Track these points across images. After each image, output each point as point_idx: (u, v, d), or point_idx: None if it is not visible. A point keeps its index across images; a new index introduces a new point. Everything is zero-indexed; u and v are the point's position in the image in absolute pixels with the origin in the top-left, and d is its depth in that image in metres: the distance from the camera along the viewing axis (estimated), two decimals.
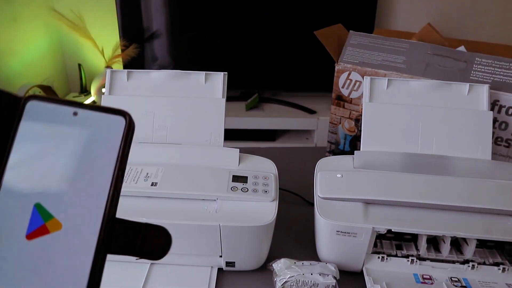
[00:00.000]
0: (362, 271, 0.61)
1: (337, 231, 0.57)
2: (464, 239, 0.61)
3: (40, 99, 0.25)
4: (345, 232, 0.57)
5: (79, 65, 1.89)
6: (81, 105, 0.25)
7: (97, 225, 0.24)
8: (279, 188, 0.63)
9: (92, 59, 1.93)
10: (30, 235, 0.24)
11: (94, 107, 0.25)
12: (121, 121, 0.24)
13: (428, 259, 0.61)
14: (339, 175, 0.63)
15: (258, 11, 1.78)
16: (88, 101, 1.89)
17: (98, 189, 0.24)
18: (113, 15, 1.78)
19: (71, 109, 0.25)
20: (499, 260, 0.61)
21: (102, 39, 1.81)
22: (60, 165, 0.25)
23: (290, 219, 0.76)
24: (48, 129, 0.25)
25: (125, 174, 0.62)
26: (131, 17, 1.79)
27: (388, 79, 0.73)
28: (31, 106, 0.25)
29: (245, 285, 0.61)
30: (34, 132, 0.25)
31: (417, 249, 0.61)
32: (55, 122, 0.25)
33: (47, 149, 0.25)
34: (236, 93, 1.92)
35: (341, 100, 0.89)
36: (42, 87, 1.64)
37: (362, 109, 0.72)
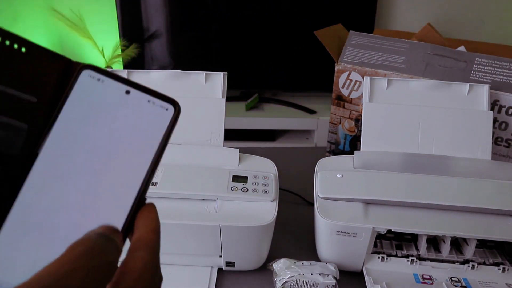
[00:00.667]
0: (362, 271, 0.61)
1: (337, 231, 0.57)
2: (464, 239, 0.61)
3: (96, 70, 0.25)
4: (345, 232, 0.57)
5: None
6: (135, 85, 0.25)
7: (128, 205, 0.24)
8: (279, 188, 0.63)
9: (92, 59, 1.93)
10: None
11: (148, 89, 0.25)
12: (170, 109, 0.25)
13: (428, 259, 0.61)
14: (339, 175, 0.63)
15: (258, 11, 1.78)
16: None
17: (136, 169, 0.25)
18: (113, 15, 1.77)
19: (125, 87, 0.25)
20: (499, 260, 0.61)
21: (102, 39, 1.80)
22: (105, 138, 0.25)
23: (290, 219, 0.76)
24: (99, 102, 0.25)
25: None
26: (131, 17, 1.79)
27: (388, 79, 0.73)
28: (86, 76, 0.25)
29: (245, 285, 0.61)
30: (85, 102, 0.25)
31: (417, 249, 0.61)
32: (107, 96, 0.25)
33: (95, 121, 0.25)
34: (236, 93, 1.92)
35: (341, 100, 0.89)
36: None
37: (362, 109, 0.72)
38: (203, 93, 0.72)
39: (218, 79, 0.72)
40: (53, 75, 0.25)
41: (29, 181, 0.24)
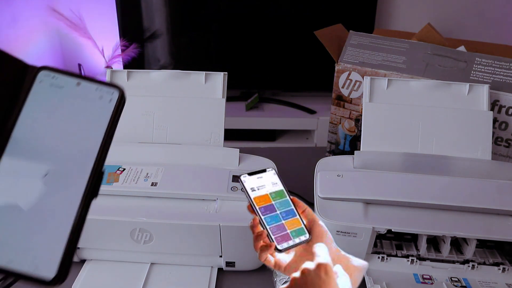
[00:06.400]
0: None
1: (337, 231, 0.57)
2: (464, 239, 0.61)
3: (51, 69, 0.30)
4: (345, 232, 0.57)
5: (79, 65, 1.89)
6: (84, 77, 0.30)
7: (86, 176, 0.28)
8: None
9: (92, 59, 1.93)
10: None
11: (95, 80, 0.30)
12: (115, 93, 0.29)
13: (428, 259, 0.61)
14: (339, 175, 0.63)
15: (258, 11, 1.78)
16: None
17: (91, 145, 0.29)
18: (113, 15, 1.77)
19: (76, 80, 0.30)
20: (499, 260, 0.61)
21: (102, 39, 1.80)
22: (62, 125, 0.29)
23: None
24: (55, 95, 0.29)
25: (125, 174, 0.62)
26: (131, 17, 1.79)
27: (388, 79, 0.73)
28: (43, 75, 0.30)
29: (245, 285, 0.61)
30: (43, 96, 0.29)
31: (417, 249, 0.61)
32: (61, 89, 0.30)
33: (53, 111, 0.29)
34: (236, 93, 1.92)
35: (341, 100, 0.89)
36: None
37: (362, 109, 0.72)
38: (203, 93, 0.72)
39: (218, 79, 0.72)
40: (10, 76, 0.29)
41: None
